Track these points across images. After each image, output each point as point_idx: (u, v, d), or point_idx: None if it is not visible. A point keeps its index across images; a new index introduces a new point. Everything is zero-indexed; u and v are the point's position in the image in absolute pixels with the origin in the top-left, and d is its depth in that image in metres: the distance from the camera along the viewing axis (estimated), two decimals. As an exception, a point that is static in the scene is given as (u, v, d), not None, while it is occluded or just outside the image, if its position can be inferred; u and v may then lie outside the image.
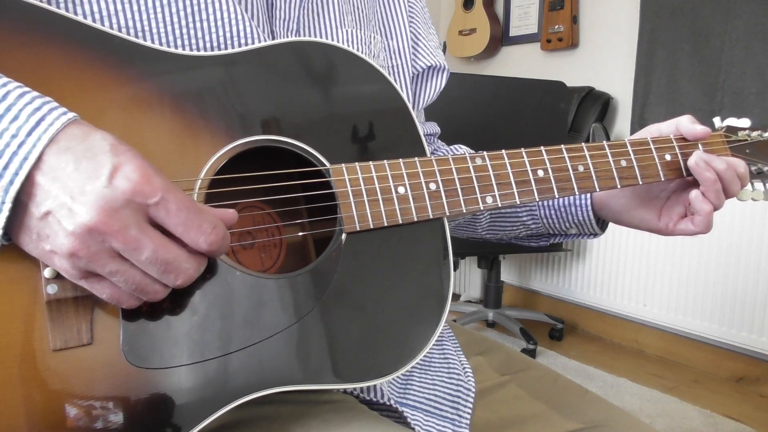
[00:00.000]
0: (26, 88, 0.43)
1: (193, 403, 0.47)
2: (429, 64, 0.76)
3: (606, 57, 2.71)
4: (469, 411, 0.68)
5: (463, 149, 0.85)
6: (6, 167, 0.40)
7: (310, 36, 0.65)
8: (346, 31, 0.67)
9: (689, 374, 2.35)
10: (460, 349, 0.75)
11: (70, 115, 0.42)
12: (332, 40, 0.66)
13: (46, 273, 0.44)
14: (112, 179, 0.40)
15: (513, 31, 3.08)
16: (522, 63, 3.07)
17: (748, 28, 2.17)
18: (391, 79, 0.60)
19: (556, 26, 2.79)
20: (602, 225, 0.78)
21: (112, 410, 0.45)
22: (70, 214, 0.40)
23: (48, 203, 0.40)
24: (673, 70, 2.39)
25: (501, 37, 3.13)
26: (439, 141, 0.88)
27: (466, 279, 3.32)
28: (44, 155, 0.41)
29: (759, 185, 0.74)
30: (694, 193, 0.67)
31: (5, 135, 0.40)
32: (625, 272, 2.52)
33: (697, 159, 0.67)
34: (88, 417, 0.45)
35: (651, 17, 2.44)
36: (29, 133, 0.41)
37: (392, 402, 0.62)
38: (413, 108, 0.78)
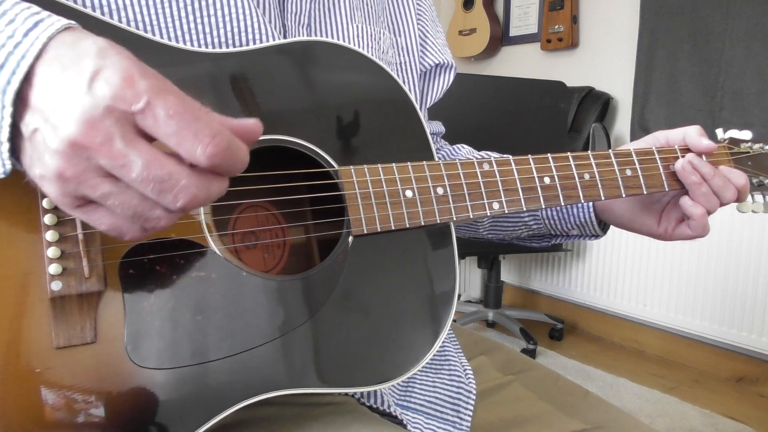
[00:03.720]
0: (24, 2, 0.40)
1: (198, 404, 0.47)
2: (437, 62, 0.77)
3: (606, 57, 2.71)
4: (470, 413, 0.68)
5: (466, 149, 0.85)
6: (2, 67, 0.37)
7: (321, 30, 0.65)
8: (356, 25, 0.67)
9: (689, 374, 2.35)
10: (460, 350, 0.75)
11: (71, 21, 0.39)
12: (342, 34, 0.66)
13: (51, 269, 0.44)
14: (91, 84, 0.35)
15: (513, 31, 3.08)
16: (522, 63, 3.07)
17: (748, 28, 2.17)
18: (399, 80, 0.60)
19: (556, 26, 2.79)
20: (604, 226, 0.78)
21: (115, 409, 0.45)
22: (53, 130, 0.36)
23: (35, 119, 0.37)
24: (673, 70, 2.39)
25: (501, 37, 3.12)
26: (442, 140, 0.88)
27: (466, 279, 3.32)
28: (34, 67, 0.37)
29: (759, 197, 0.75)
30: (683, 198, 0.68)
31: (1, 36, 0.37)
32: (625, 272, 2.52)
33: (683, 163, 0.68)
34: (90, 415, 0.45)
35: (651, 17, 2.44)
36: (26, 34, 0.37)
37: (392, 409, 0.62)
38: (420, 106, 0.78)
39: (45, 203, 0.45)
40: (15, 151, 0.38)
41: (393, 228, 0.56)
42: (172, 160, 0.37)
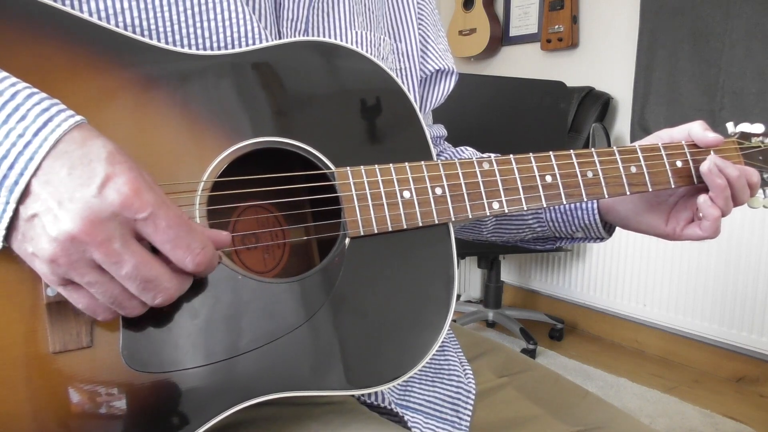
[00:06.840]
0: (35, 89, 0.42)
1: (191, 409, 0.47)
2: (438, 68, 0.76)
3: (606, 57, 2.71)
4: (469, 413, 0.68)
5: (469, 151, 0.85)
6: (11, 167, 0.39)
7: (318, 36, 0.64)
8: (356, 32, 0.67)
9: (689, 374, 2.35)
10: (460, 350, 0.75)
11: (78, 118, 0.42)
12: (341, 40, 0.65)
13: (46, 275, 0.44)
14: (102, 189, 0.39)
15: (513, 31, 3.08)
16: (522, 63, 3.06)
17: (748, 28, 2.17)
18: (400, 82, 0.60)
19: (556, 26, 2.79)
20: (609, 229, 0.77)
21: (110, 414, 0.45)
22: (54, 220, 0.39)
23: (36, 206, 0.40)
24: (673, 70, 2.38)
25: (501, 37, 3.12)
26: (446, 143, 0.87)
27: (466, 279, 3.32)
28: (42, 162, 0.40)
29: None
30: (703, 198, 0.66)
31: (12, 134, 0.40)
32: (625, 272, 2.52)
33: (710, 165, 0.66)
34: (85, 420, 0.45)
35: (651, 17, 2.44)
36: (36, 133, 0.40)
37: (393, 406, 0.62)
38: (420, 111, 0.77)
39: None
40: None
41: (390, 229, 0.55)
42: (159, 263, 0.42)
